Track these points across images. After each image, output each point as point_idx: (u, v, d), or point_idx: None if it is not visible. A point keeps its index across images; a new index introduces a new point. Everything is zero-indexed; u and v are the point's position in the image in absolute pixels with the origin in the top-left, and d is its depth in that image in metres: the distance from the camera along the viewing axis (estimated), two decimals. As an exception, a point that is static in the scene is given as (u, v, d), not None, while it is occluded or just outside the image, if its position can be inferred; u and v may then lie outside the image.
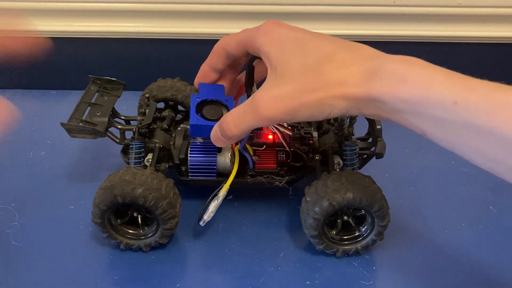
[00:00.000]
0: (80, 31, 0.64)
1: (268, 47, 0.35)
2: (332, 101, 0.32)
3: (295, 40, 0.35)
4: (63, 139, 0.48)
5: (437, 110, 0.28)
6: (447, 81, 0.28)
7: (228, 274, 0.43)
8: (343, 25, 0.64)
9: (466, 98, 0.27)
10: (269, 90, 0.34)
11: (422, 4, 0.62)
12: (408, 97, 0.29)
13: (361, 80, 0.31)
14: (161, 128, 0.49)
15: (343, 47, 0.34)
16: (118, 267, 0.43)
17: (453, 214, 0.50)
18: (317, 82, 0.32)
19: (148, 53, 0.66)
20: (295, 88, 0.33)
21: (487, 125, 0.26)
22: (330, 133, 0.49)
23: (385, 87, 0.30)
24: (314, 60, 0.33)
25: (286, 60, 0.34)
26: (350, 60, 0.32)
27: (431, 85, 0.28)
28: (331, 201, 0.40)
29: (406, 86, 0.29)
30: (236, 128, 0.36)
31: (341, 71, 0.32)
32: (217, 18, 0.63)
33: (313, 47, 0.34)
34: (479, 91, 0.27)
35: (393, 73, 0.30)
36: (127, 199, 0.40)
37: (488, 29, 0.64)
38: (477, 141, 0.27)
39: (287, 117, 0.33)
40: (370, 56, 0.32)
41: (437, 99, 0.28)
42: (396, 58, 0.31)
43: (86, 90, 0.50)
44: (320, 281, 0.42)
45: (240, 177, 0.46)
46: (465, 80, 0.28)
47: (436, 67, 0.30)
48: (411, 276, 0.43)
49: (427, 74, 0.29)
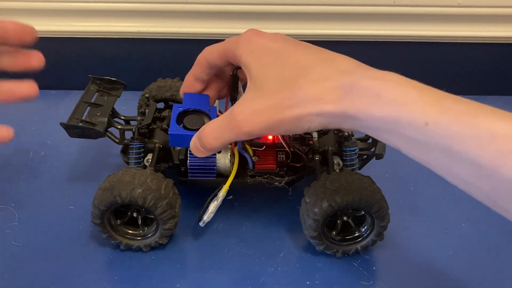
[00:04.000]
0: (80, 31, 0.64)
1: (247, 58, 0.35)
2: (309, 117, 0.32)
3: (273, 52, 0.35)
4: (63, 139, 0.48)
5: (409, 130, 0.28)
6: (420, 101, 0.28)
7: (228, 274, 0.43)
8: (343, 25, 0.64)
9: (437, 120, 0.27)
10: (247, 104, 0.34)
11: (422, 4, 0.62)
12: (381, 116, 0.29)
13: (337, 96, 0.31)
14: (160, 128, 0.49)
15: (320, 59, 0.33)
16: (118, 267, 0.43)
17: (453, 214, 0.50)
18: (294, 98, 0.32)
19: (148, 53, 0.66)
20: (273, 103, 0.33)
21: (457, 148, 0.26)
22: (330, 134, 0.49)
23: (360, 105, 0.30)
24: (291, 74, 0.33)
25: (264, 72, 0.34)
26: (327, 74, 0.32)
27: (404, 105, 0.28)
28: (330, 202, 0.40)
29: (379, 105, 0.29)
30: (215, 141, 0.36)
31: (317, 87, 0.31)
32: (217, 18, 0.63)
33: (291, 59, 0.34)
34: (451, 112, 0.27)
35: (368, 90, 0.29)
36: (127, 199, 0.40)
37: (488, 29, 0.64)
38: (450, 163, 0.27)
39: (265, 132, 0.33)
40: (346, 70, 0.32)
41: (409, 119, 0.28)
42: (371, 74, 0.31)
43: (86, 90, 0.50)
44: (320, 281, 0.42)
45: (240, 178, 0.46)
46: (438, 100, 0.28)
47: (411, 83, 0.29)
48: (411, 276, 0.43)
49: (400, 92, 0.29)
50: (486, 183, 0.26)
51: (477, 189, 0.27)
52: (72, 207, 0.49)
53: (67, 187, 0.52)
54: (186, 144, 0.39)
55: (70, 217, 0.48)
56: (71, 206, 0.49)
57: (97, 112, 0.47)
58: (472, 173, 0.26)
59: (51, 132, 0.59)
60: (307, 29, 0.64)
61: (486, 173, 0.26)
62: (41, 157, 0.56)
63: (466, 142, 0.26)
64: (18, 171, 0.54)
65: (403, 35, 0.64)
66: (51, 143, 0.58)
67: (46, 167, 0.54)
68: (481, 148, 0.25)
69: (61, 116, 0.47)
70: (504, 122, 0.25)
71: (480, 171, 0.26)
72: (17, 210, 0.48)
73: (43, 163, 0.55)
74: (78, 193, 0.50)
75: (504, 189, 0.25)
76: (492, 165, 0.25)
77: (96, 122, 0.46)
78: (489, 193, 0.27)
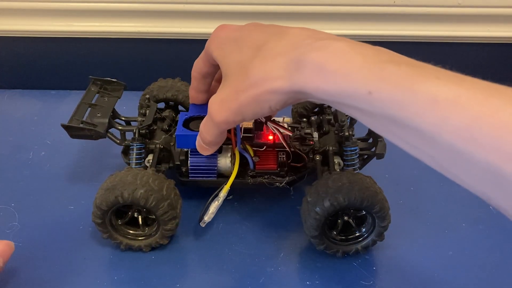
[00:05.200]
0: (80, 31, 0.64)
1: (216, 53, 0.37)
2: (265, 96, 0.31)
3: (233, 39, 0.35)
4: (63, 139, 0.48)
5: (354, 100, 0.28)
6: (362, 69, 0.27)
7: (228, 274, 0.43)
8: (343, 25, 0.64)
9: (379, 88, 0.26)
10: (216, 96, 0.35)
11: (422, 4, 0.62)
12: (327, 88, 0.28)
13: (285, 72, 0.30)
14: (161, 129, 0.49)
15: (273, 34, 0.33)
16: (118, 267, 0.43)
17: (453, 214, 0.50)
18: (248, 80, 0.32)
19: (148, 53, 0.66)
20: (232, 89, 0.33)
21: (400, 115, 0.26)
22: (330, 134, 0.49)
23: (306, 79, 0.29)
24: (247, 56, 0.33)
25: (227, 62, 0.35)
26: (277, 49, 0.31)
27: (347, 75, 0.28)
28: (332, 202, 0.40)
29: (324, 77, 0.28)
30: (208, 135, 0.37)
31: (267, 65, 0.31)
32: (217, 18, 0.63)
33: (247, 42, 0.34)
34: (392, 78, 0.26)
35: (313, 63, 0.29)
36: (129, 200, 0.40)
37: (488, 29, 0.64)
38: (396, 129, 0.27)
39: (237, 118, 0.34)
40: (295, 43, 0.31)
41: (352, 90, 0.27)
42: (318, 45, 0.30)
43: (87, 91, 0.50)
44: (320, 281, 0.42)
45: (241, 178, 0.46)
46: (381, 66, 0.27)
47: (355, 49, 0.28)
48: (411, 276, 0.43)
49: (343, 62, 0.28)
50: (431, 149, 0.26)
51: (425, 155, 0.27)
52: (72, 207, 0.49)
53: (67, 187, 0.52)
54: (192, 144, 0.42)
55: (70, 217, 0.48)
56: (71, 206, 0.49)
57: (97, 113, 0.47)
58: (417, 139, 0.26)
59: (51, 132, 0.59)
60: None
61: (429, 139, 0.25)
62: (41, 157, 0.56)
63: (408, 109, 0.25)
64: (18, 171, 0.54)
65: (403, 35, 0.64)
66: (51, 143, 0.58)
67: (46, 167, 0.54)
68: (422, 115, 0.25)
69: (61, 116, 0.47)
70: (445, 86, 0.25)
71: (424, 137, 0.25)
72: (17, 210, 0.48)
73: (43, 163, 0.55)
74: (78, 193, 0.50)
75: (447, 154, 0.25)
76: (433, 131, 0.25)
77: (97, 123, 0.46)
78: (435, 158, 0.26)
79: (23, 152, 0.56)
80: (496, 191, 0.24)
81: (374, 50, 0.29)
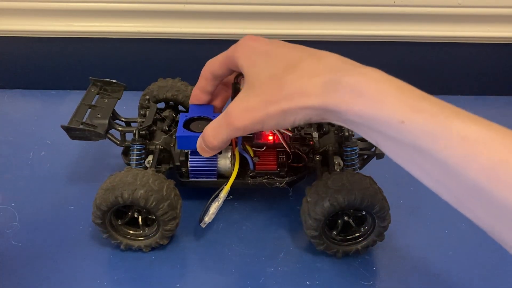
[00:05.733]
0: (80, 31, 0.64)
1: (242, 61, 0.38)
2: (295, 110, 0.33)
3: (265, 52, 0.37)
4: (63, 140, 0.48)
5: (386, 127, 0.29)
6: (397, 99, 0.29)
7: (228, 274, 0.43)
8: (343, 25, 0.64)
9: (413, 119, 0.28)
10: (240, 102, 0.36)
11: (422, 4, 0.62)
12: (361, 112, 0.30)
13: (321, 91, 0.32)
14: (161, 129, 0.49)
15: (307, 54, 0.35)
16: (118, 267, 0.43)
17: (453, 214, 0.49)
18: (280, 93, 0.34)
19: (148, 53, 0.66)
20: (261, 100, 0.34)
21: (429, 147, 0.28)
22: (330, 134, 0.49)
23: (341, 99, 0.31)
24: (280, 70, 0.35)
25: (255, 72, 0.36)
26: (312, 69, 0.33)
27: (382, 102, 0.29)
28: (332, 202, 0.40)
29: (360, 101, 0.30)
30: (215, 139, 0.38)
31: (303, 82, 0.33)
32: (217, 18, 0.63)
33: (280, 57, 0.36)
34: (426, 113, 0.28)
35: (350, 86, 0.31)
36: (129, 200, 0.40)
37: (488, 29, 0.64)
38: (422, 161, 0.29)
39: (256, 126, 0.35)
40: (334, 67, 0.33)
41: (386, 117, 0.29)
42: (355, 70, 0.32)
43: (87, 92, 0.50)
44: (320, 281, 0.42)
45: (241, 178, 0.46)
46: (415, 99, 0.29)
47: (391, 81, 0.31)
48: (411, 277, 0.43)
49: (380, 90, 0.30)
50: (453, 183, 0.27)
51: (445, 188, 0.29)
52: (72, 207, 0.49)
53: (67, 187, 0.52)
54: (193, 145, 0.42)
55: (70, 217, 0.48)
56: (71, 206, 0.49)
57: (97, 114, 0.47)
58: (441, 172, 0.28)
59: (51, 132, 0.59)
60: (306, 29, 0.64)
61: (454, 173, 0.27)
62: (41, 157, 0.56)
63: (437, 142, 0.27)
64: (18, 171, 0.54)
65: (403, 35, 0.64)
66: (51, 143, 0.58)
67: (46, 167, 0.54)
68: (451, 149, 0.27)
69: (61, 116, 0.47)
70: (475, 126, 0.27)
71: (449, 171, 0.27)
72: (17, 210, 0.48)
73: (43, 163, 0.55)
74: (78, 193, 0.50)
75: (469, 190, 0.27)
76: (459, 166, 0.26)
77: (97, 124, 0.46)
78: (456, 193, 0.28)
79: (23, 152, 0.56)
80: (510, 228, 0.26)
81: (407, 85, 0.31)
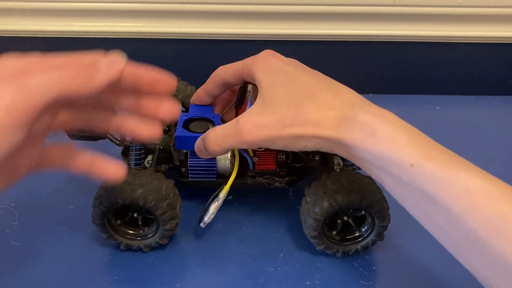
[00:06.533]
0: (80, 31, 0.64)
1: (260, 75, 0.38)
2: (308, 137, 0.34)
3: (285, 72, 0.37)
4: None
5: (396, 168, 0.31)
6: (409, 144, 0.31)
7: (228, 274, 0.43)
8: (343, 25, 0.64)
9: (422, 164, 0.30)
10: (253, 116, 0.36)
11: (422, 4, 0.62)
12: (373, 151, 0.32)
13: (336, 125, 0.33)
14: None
15: (327, 87, 0.36)
16: (118, 267, 0.43)
17: (453, 214, 0.50)
18: (297, 118, 0.34)
19: (148, 53, 0.66)
20: (277, 119, 0.35)
21: (435, 193, 0.29)
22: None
23: (356, 136, 0.32)
24: (298, 95, 0.35)
25: (273, 90, 0.36)
26: (331, 102, 0.34)
27: (395, 144, 0.31)
28: (331, 202, 0.40)
29: (373, 140, 0.32)
30: (218, 146, 0.38)
31: (321, 112, 0.34)
32: (217, 18, 0.63)
33: (300, 81, 0.36)
34: (435, 160, 0.30)
35: (365, 124, 0.32)
36: (127, 200, 0.40)
37: (488, 29, 0.64)
38: (426, 205, 0.31)
39: (265, 143, 0.36)
40: (350, 103, 0.34)
41: (397, 158, 0.31)
42: (371, 110, 0.33)
43: (86, 91, 0.50)
44: (320, 281, 0.42)
45: (240, 178, 0.46)
46: (426, 147, 0.31)
47: (404, 127, 0.32)
48: (411, 276, 0.43)
49: (393, 133, 0.32)
50: (455, 230, 0.29)
51: (446, 234, 0.31)
52: (72, 207, 0.49)
53: (67, 187, 0.52)
54: (191, 146, 0.41)
55: (70, 217, 0.48)
56: (71, 206, 0.49)
57: (97, 113, 0.47)
58: (444, 219, 0.30)
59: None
60: (307, 29, 0.64)
61: (455, 221, 0.29)
62: (41, 157, 0.56)
63: (444, 190, 0.29)
64: (18, 171, 0.54)
65: (403, 35, 0.64)
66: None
67: (46, 167, 0.54)
68: (456, 198, 0.29)
69: (61, 116, 0.47)
70: (480, 179, 0.29)
71: (451, 218, 0.29)
72: (17, 210, 0.48)
73: (43, 163, 0.55)
74: (78, 193, 0.50)
75: (468, 238, 0.28)
76: (461, 214, 0.28)
77: (97, 123, 0.46)
78: (456, 240, 0.30)
79: (23, 152, 0.56)
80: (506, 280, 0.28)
81: (419, 132, 0.33)
